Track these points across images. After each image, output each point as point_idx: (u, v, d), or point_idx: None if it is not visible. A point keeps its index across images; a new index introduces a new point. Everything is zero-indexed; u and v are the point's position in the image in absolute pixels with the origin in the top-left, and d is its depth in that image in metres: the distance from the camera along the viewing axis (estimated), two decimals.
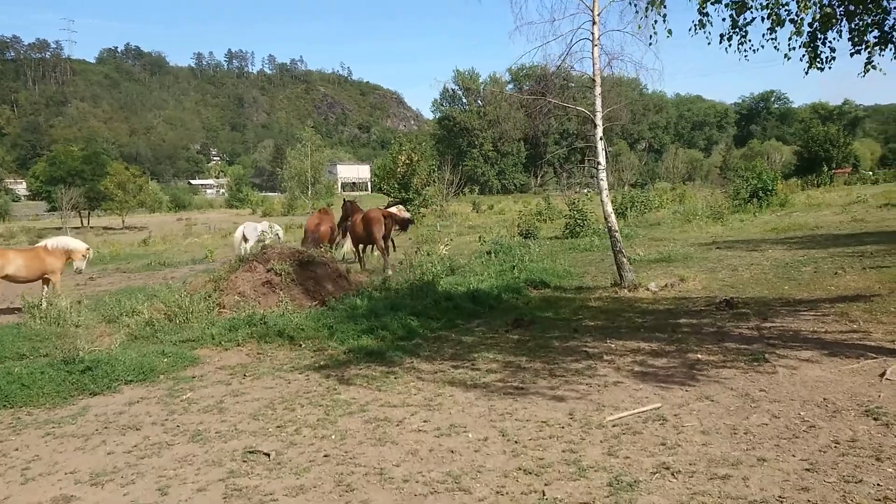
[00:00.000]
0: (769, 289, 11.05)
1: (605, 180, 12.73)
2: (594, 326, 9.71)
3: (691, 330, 8.79)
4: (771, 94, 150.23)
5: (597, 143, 12.70)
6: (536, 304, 11.97)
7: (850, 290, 10.13)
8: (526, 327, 10.16)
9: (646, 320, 9.74)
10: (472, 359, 8.44)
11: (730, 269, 13.35)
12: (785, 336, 7.91)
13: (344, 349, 9.53)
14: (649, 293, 11.77)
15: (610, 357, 7.81)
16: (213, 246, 32.01)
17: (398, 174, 43.79)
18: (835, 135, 74.92)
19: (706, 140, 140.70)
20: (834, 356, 6.82)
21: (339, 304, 12.06)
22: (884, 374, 6.02)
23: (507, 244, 19.98)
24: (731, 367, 6.89)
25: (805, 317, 8.81)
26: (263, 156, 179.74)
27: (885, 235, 16.49)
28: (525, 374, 7.44)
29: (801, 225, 21.09)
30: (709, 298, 10.71)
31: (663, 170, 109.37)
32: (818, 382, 6.09)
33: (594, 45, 12.55)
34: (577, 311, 10.99)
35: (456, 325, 10.87)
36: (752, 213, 28.02)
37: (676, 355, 7.57)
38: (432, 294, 12.63)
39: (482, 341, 9.50)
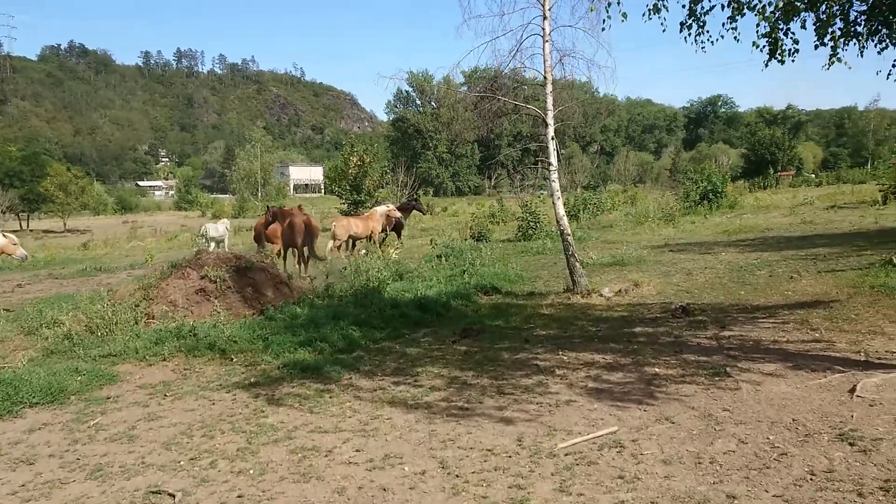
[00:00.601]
0: (725, 294, 10.69)
1: (556, 182, 12.23)
2: (546, 336, 9.17)
3: (647, 340, 8.31)
4: (718, 98, 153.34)
5: (548, 143, 12.20)
6: (486, 312, 11.39)
7: (807, 295, 9.81)
8: (474, 337, 9.56)
9: (600, 329, 9.24)
10: (415, 374, 7.80)
11: (684, 273, 13.00)
12: (745, 346, 7.47)
13: (278, 363, 8.81)
14: (603, 299, 11.31)
15: (562, 371, 7.25)
16: (158, 249, 30.67)
17: (350, 176, 42.92)
18: (780, 138, 76.72)
19: (656, 143, 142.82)
20: (799, 369, 6.38)
21: (278, 314, 11.29)
22: (853, 389, 5.59)
23: (459, 247, 19.40)
24: (692, 382, 6.39)
25: (764, 325, 8.41)
26: (214, 157, 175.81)
27: (834, 238, 16.43)
28: (471, 392, 6.83)
29: (751, 227, 21.05)
30: (664, 305, 10.28)
31: (615, 172, 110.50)
32: (785, 400, 5.62)
33: (545, 41, 12.05)
34: (529, 319, 10.45)
35: (401, 335, 10.22)
36: (703, 215, 28.07)
37: (633, 369, 7.06)
38: (378, 301, 11.95)
39: (427, 353, 8.86)
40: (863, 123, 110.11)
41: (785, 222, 21.92)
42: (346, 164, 43.19)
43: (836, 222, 20.45)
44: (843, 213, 23.82)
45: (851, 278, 10.37)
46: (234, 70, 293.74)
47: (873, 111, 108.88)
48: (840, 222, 20.34)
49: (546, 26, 12.05)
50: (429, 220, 46.57)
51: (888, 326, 7.62)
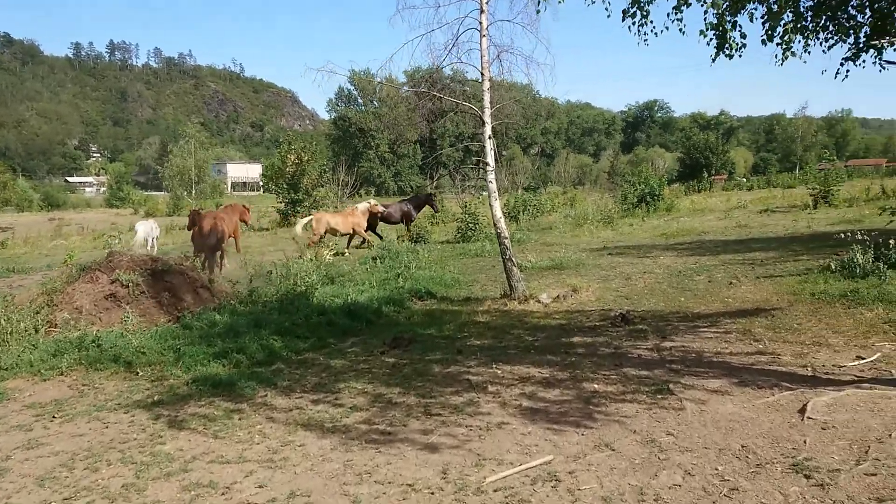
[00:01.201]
0: (665, 300, 10.35)
1: (494, 182, 11.71)
2: (480, 346, 8.62)
3: (586, 351, 7.84)
4: (654, 103, 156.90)
5: (485, 142, 11.67)
6: (419, 319, 10.78)
7: (748, 302, 9.54)
8: (405, 347, 8.94)
9: (536, 339, 8.74)
10: (337, 390, 7.14)
11: (623, 278, 12.67)
12: (688, 359, 7.07)
13: (188, 378, 8.02)
14: (541, 306, 10.83)
15: (495, 387, 6.69)
16: (81, 249, 28.92)
17: (287, 174, 41.78)
18: (714, 143, 78.65)
19: (595, 146, 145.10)
20: (745, 386, 5.98)
21: (196, 321, 10.44)
22: (804, 410, 5.20)
23: (395, 249, 18.76)
24: (633, 400, 5.92)
25: (706, 334, 8.05)
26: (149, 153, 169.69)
27: (770, 241, 16.44)
28: (395, 413, 6.20)
29: (688, 230, 21.05)
30: (603, 312, 9.87)
31: (555, 174, 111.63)
32: (732, 423, 5.19)
33: (482, 36, 11.52)
34: (463, 327, 9.88)
35: (327, 345, 9.54)
36: (641, 217, 28.13)
37: (570, 385, 6.55)
38: (304, 308, 11.21)
39: (353, 366, 8.20)
40: (791, 130, 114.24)
41: (720, 226, 22.03)
42: (284, 162, 42.12)
43: (771, 226, 20.62)
44: (776, 216, 24.13)
45: (791, 285, 10.17)
46: (171, 64, 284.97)
47: (801, 118, 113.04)
48: (774, 226, 20.52)
49: (483, 20, 11.52)
50: None
51: (832, 337, 7.34)
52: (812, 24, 6.22)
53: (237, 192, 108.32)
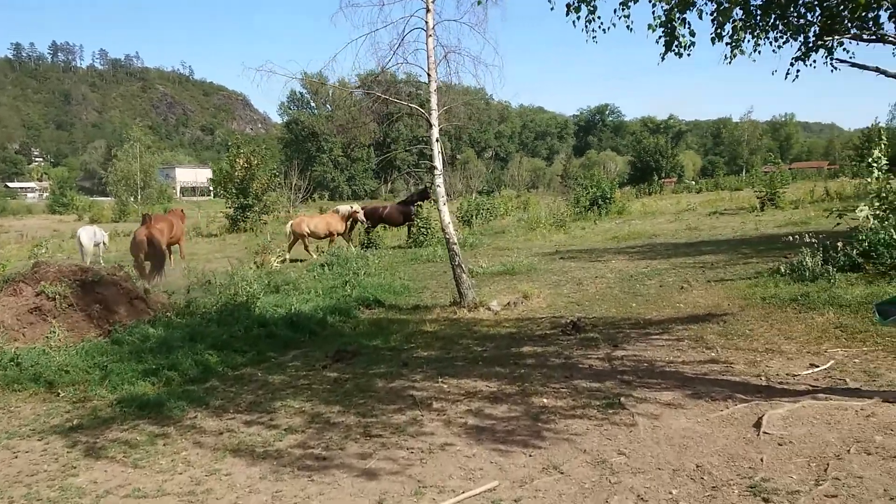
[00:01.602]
0: (616, 306, 10.15)
1: (441, 186, 11.38)
2: (427, 358, 8.25)
3: (536, 362, 7.54)
4: (606, 107, 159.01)
5: (433, 145, 11.33)
6: (365, 330, 10.36)
7: (699, 307, 9.38)
8: (348, 361, 8.52)
9: (485, 349, 8.41)
10: (272, 410, 6.68)
11: (574, 283, 12.45)
12: (640, 369, 6.81)
13: (113, 399, 7.48)
14: (491, 313, 10.53)
15: (440, 404, 6.33)
16: (19, 257, 27.57)
17: (236, 178, 40.80)
18: (664, 146, 79.93)
19: (548, 149, 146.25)
20: (698, 398, 5.74)
21: (127, 335, 9.85)
22: (759, 424, 4.96)
23: (344, 255, 18.29)
24: (583, 416, 5.62)
25: (658, 342, 7.83)
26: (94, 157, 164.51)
27: (720, 244, 16.49)
28: (333, 435, 5.78)
29: (639, 233, 21.07)
30: (554, 319, 9.60)
31: (509, 177, 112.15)
32: (686, 439, 4.92)
33: (428, 36, 11.18)
34: (410, 337, 9.50)
35: (267, 359, 9.06)
36: (593, 220, 28.18)
37: (519, 399, 6.23)
38: (245, 319, 10.68)
39: (292, 382, 7.75)
40: (737, 133, 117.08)
41: (671, 228, 22.13)
42: (232, 166, 41.14)
43: (720, 228, 20.78)
44: (724, 219, 24.39)
45: (742, 289, 10.06)
46: (117, 66, 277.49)
47: (746, 122, 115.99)
48: (723, 228, 20.67)
49: (429, 19, 11.18)
50: None
51: (785, 344, 7.18)
52: (762, 22, 6.04)
53: (187, 198, 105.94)
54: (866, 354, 6.48)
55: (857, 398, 5.23)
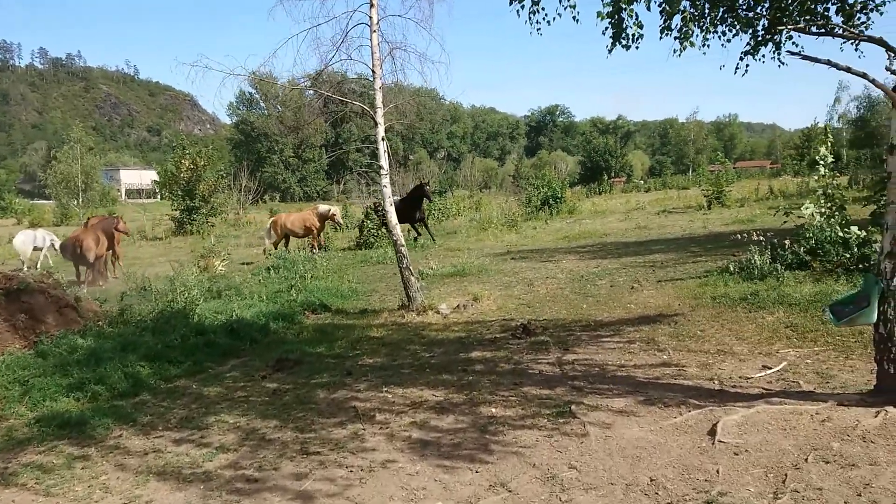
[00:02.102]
0: (567, 308, 9.94)
1: (388, 187, 11.02)
2: (372, 366, 7.89)
3: (485, 368, 7.25)
4: (556, 108, 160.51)
5: (378, 144, 10.96)
6: (310, 336, 9.94)
7: (650, 308, 9.24)
8: (289, 370, 8.11)
9: (433, 355, 8.10)
10: (205, 425, 6.25)
11: (525, 284, 12.24)
12: (591, 374, 6.59)
13: (32, 417, 6.92)
14: (440, 317, 10.21)
15: (384, 416, 5.99)
16: None
17: (181, 180, 39.70)
18: (613, 146, 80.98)
19: (500, 150, 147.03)
20: (651, 404, 5.52)
21: (54, 346, 9.24)
22: (714, 431, 4.76)
23: (292, 258, 17.77)
24: (533, 426, 5.34)
25: (609, 345, 7.63)
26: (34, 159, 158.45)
27: (669, 243, 16.52)
28: (268, 453, 5.38)
29: (590, 232, 21.06)
30: (505, 322, 9.34)
31: (461, 178, 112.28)
32: (639, 450, 4.69)
33: (373, 31, 10.80)
34: (356, 343, 9.13)
35: (204, 370, 8.59)
36: (544, 220, 28.18)
37: (466, 409, 5.92)
38: (182, 327, 10.15)
39: (228, 394, 7.31)
40: (684, 134, 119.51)
41: (621, 227, 22.18)
42: (177, 167, 40.06)
43: (669, 227, 20.90)
44: (673, 217, 24.60)
45: (692, 288, 9.97)
46: (58, 65, 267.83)
47: (692, 122, 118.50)
48: (672, 227, 20.80)
49: (373, 14, 10.81)
50: None
51: (736, 345, 7.05)
52: (710, 15, 5.87)
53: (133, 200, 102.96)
54: (818, 354, 6.38)
55: (812, 402, 5.08)
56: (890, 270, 4.77)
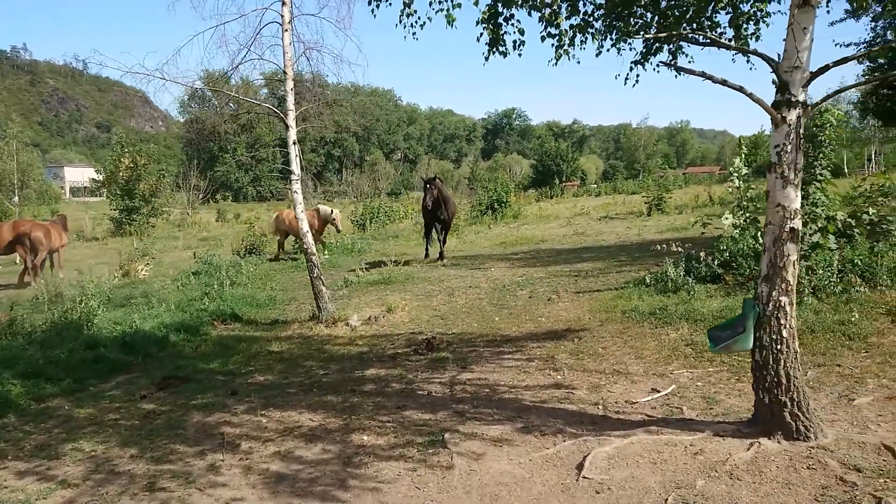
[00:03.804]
0: (479, 321, 9.62)
1: (299, 193, 10.56)
2: (261, 384, 7.44)
3: (375, 388, 6.87)
4: (513, 111, 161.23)
5: (289, 148, 10.49)
6: (208, 350, 9.43)
7: (560, 321, 8.96)
8: (173, 389, 7.61)
9: (328, 372, 7.68)
10: (59, 454, 5.72)
11: (447, 294, 11.90)
12: (479, 396, 6.25)
13: None
14: (348, 329, 9.79)
15: (250, 444, 5.55)
16: None
17: (120, 179, 38.49)
18: (564, 150, 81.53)
19: (457, 152, 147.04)
20: (528, 432, 5.20)
21: None
22: (582, 465, 4.46)
23: (217, 263, 17.14)
24: (400, 457, 4.97)
25: (508, 362, 7.32)
26: None
27: (601, 251, 16.38)
28: (111, 489, 4.91)
29: (528, 238, 20.85)
30: (412, 337, 8.97)
31: (417, 179, 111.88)
32: (500, 486, 4.35)
33: (284, 31, 10.34)
34: (252, 359, 8.65)
35: (84, 388, 8.02)
36: (488, 224, 27.95)
37: (338, 437, 5.53)
38: (73, 340, 9.54)
39: (99, 417, 6.78)
40: (635, 139, 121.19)
41: (560, 233, 22.04)
42: (117, 166, 38.80)
43: (606, 234, 20.82)
44: (613, 223, 24.59)
45: (607, 300, 9.74)
46: (2, 58, 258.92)
47: (644, 128, 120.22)
48: (609, 234, 20.72)
49: (285, 13, 10.35)
50: (217, 228, 43.04)
51: (633, 364, 6.80)
52: (603, 23, 5.60)
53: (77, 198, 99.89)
54: (710, 376, 6.15)
55: (689, 431, 4.82)
56: (766, 295, 4.54)
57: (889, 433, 4.57)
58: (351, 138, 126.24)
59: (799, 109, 4.49)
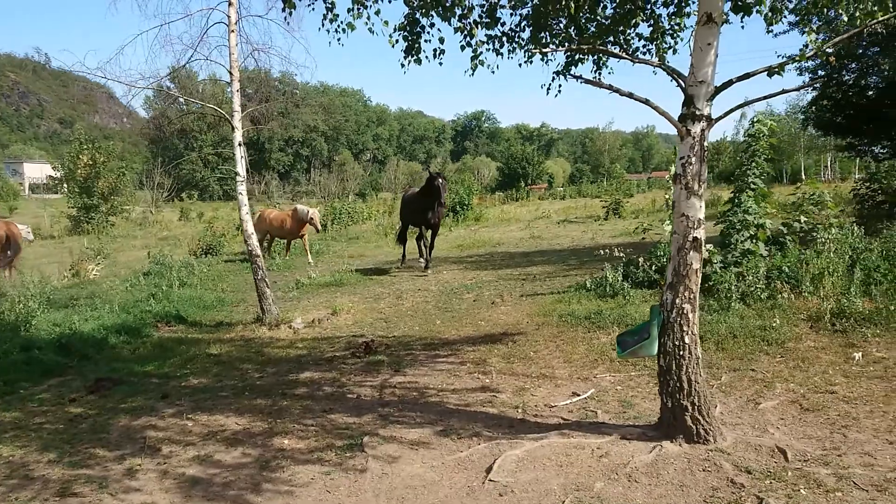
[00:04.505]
0: (422, 324, 9.69)
1: (244, 194, 10.52)
2: (194, 388, 7.41)
3: (306, 391, 6.89)
4: (482, 113, 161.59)
5: (235, 149, 10.46)
6: (147, 352, 9.35)
7: (499, 325, 9.08)
8: (105, 392, 7.53)
9: (263, 375, 7.68)
10: None
11: (395, 297, 11.95)
12: (406, 399, 6.32)
13: None
14: (291, 332, 9.80)
15: (171, 448, 5.54)
16: None
17: (78, 177, 37.84)
18: (531, 154, 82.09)
19: (426, 153, 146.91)
20: (447, 435, 5.29)
21: None
22: (490, 468, 4.55)
23: (169, 263, 16.97)
24: (318, 461, 5.01)
25: (442, 366, 7.40)
26: None
27: (553, 255, 16.57)
28: (23, 494, 4.87)
29: (485, 241, 20.99)
30: (352, 339, 9.00)
31: (385, 180, 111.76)
32: (408, 489, 4.43)
33: (231, 31, 10.31)
34: (189, 361, 8.60)
35: (14, 391, 7.87)
36: (449, 227, 28.01)
37: (260, 441, 5.55)
38: (8, 340, 9.39)
39: (24, 421, 6.68)
40: (600, 143, 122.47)
41: (517, 237, 22.22)
42: (75, 163, 38.14)
43: (561, 238, 21.04)
44: (570, 227, 24.86)
45: (548, 304, 9.88)
46: None
47: (609, 132, 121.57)
48: (564, 238, 20.95)
49: (232, 13, 10.32)
50: (178, 227, 42.48)
51: (561, 368, 6.93)
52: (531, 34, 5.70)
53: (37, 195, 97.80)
54: (631, 380, 6.30)
55: (599, 434, 4.94)
56: (670, 302, 4.68)
57: (785, 436, 4.74)
58: (319, 138, 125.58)
59: (703, 123, 4.64)
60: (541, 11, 5.09)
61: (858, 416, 5.00)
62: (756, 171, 9.34)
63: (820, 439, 4.66)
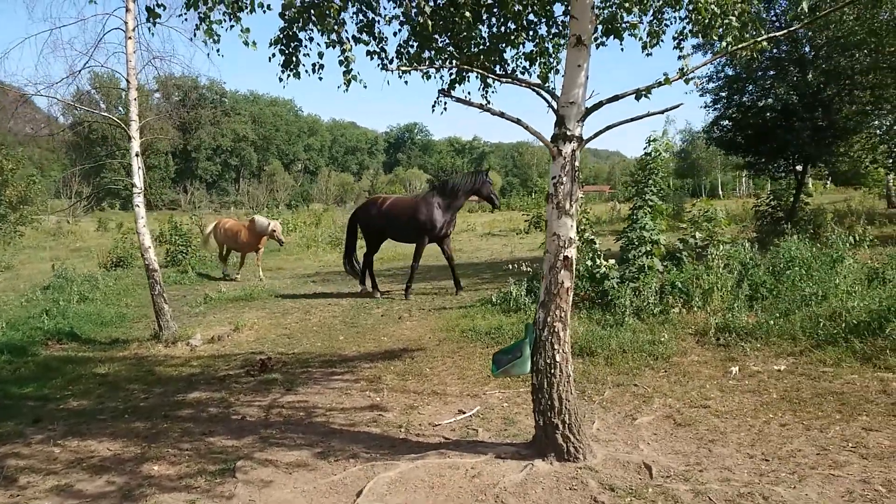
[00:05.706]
0: (325, 340, 9.51)
1: (141, 206, 10.13)
2: (72, 410, 7.03)
3: (191, 413, 6.64)
4: (415, 125, 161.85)
5: (132, 159, 10.08)
6: (29, 372, 8.84)
7: (402, 341, 9.00)
8: None
9: (149, 396, 7.36)
10: None
11: (303, 312, 11.72)
12: (292, 420, 6.15)
13: None
14: (188, 349, 9.46)
15: (30, 478, 5.20)
16: None
17: None
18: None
19: (358, 165, 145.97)
20: (324, 458, 5.15)
21: None
22: (361, 492, 4.44)
23: (71, 277, 16.24)
24: (185, 488, 4.80)
25: (335, 384, 7.26)
26: None
27: (470, 268, 16.64)
28: None
29: (406, 255, 20.81)
30: (250, 357, 8.74)
31: (317, 191, 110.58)
32: None
33: (128, 38, 9.95)
34: (74, 382, 8.18)
35: None
36: None
37: (129, 467, 5.28)
38: None
39: None
40: (528, 157, 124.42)
41: (438, 250, 22.16)
42: None
43: (482, 251, 21.18)
44: (492, 240, 25.07)
45: (453, 319, 9.87)
46: None
47: (538, 147, 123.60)
48: (485, 251, 21.09)
49: (129, 20, 9.97)
50: (93, 239, 40.78)
51: (453, 384, 6.89)
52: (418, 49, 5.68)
53: None
54: (519, 396, 6.31)
55: (475, 454, 4.90)
56: (542, 320, 4.70)
57: (654, 451, 4.82)
58: (249, 147, 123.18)
59: (574, 143, 4.69)
60: (424, 31, 5.06)
61: (726, 431, 5.13)
62: (653, 189, 9.60)
63: (686, 454, 4.75)
